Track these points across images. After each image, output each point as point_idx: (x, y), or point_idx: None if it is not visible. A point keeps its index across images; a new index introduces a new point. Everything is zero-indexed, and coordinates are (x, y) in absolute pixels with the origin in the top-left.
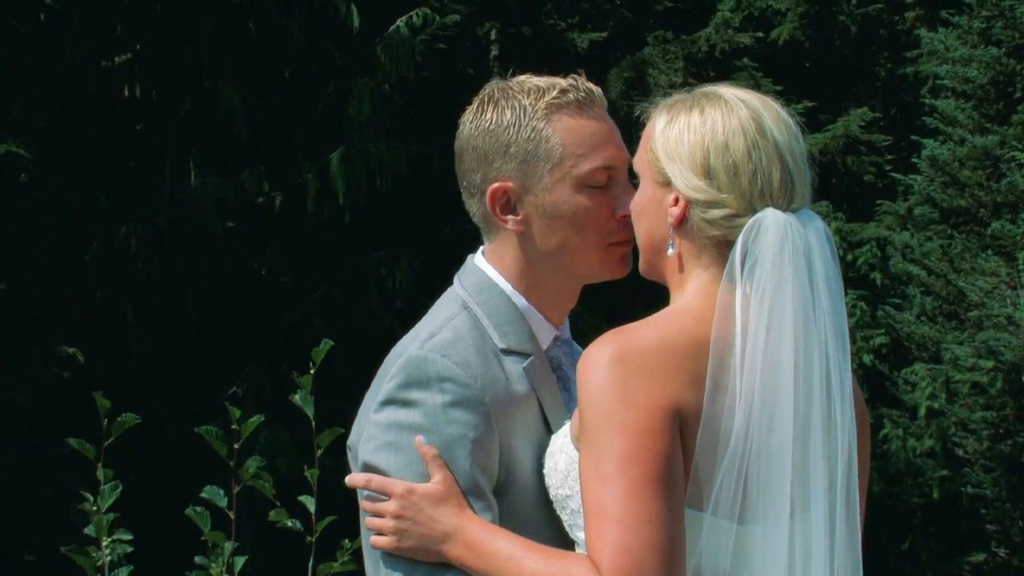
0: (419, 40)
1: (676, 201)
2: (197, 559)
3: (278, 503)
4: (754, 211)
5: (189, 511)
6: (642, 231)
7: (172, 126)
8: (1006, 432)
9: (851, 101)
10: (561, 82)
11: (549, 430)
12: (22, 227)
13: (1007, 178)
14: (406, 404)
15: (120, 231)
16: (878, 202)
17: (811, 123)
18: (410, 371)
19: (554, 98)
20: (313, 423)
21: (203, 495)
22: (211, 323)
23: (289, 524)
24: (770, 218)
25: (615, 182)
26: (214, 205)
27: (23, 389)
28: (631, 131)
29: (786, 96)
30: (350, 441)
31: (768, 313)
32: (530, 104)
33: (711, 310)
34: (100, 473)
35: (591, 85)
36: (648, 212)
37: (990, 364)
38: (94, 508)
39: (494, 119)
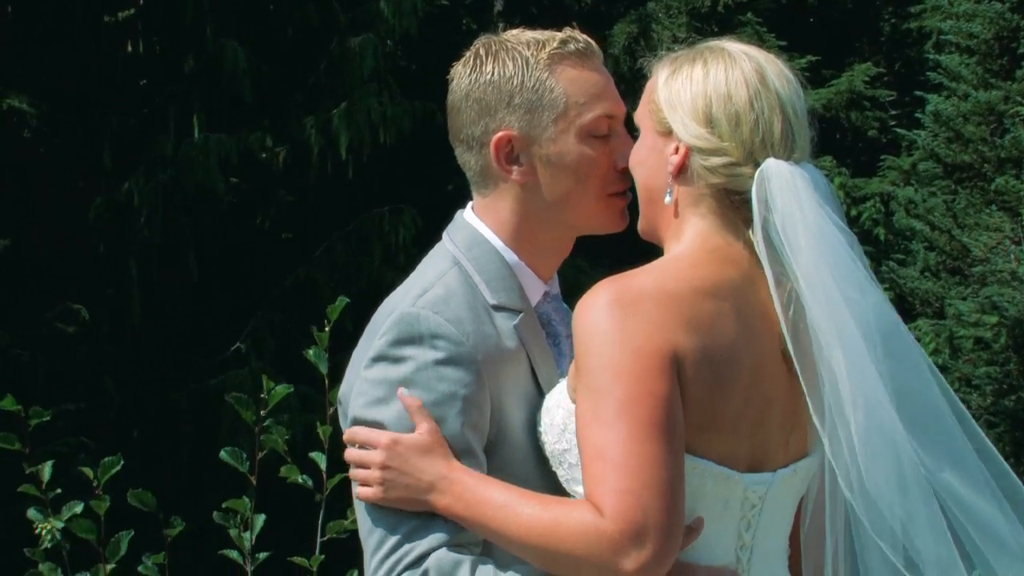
0: None
1: (677, 150)
2: (216, 515)
3: (289, 459)
4: (755, 162)
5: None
6: (641, 181)
7: (175, 82)
8: (1010, 387)
9: (855, 56)
10: (558, 34)
11: (539, 386)
12: (25, 183)
13: (1011, 133)
14: (397, 361)
15: (123, 187)
16: (882, 157)
17: (815, 78)
18: (402, 328)
19: (555, 49)
20: (327, 380)
21: (223, 457)
22: (214, 279)
23: (301, 481)
24: (773, 167)
25: (615, 133)
26: (217, 161)
27: (27, 345)
28: (636, 85)
29: (789, 51)
30: (340, 394)
31: (799, 259)
32: (532, 55)
33: (707, 256)
34: (33, 470)
35: (587, 37)
36: (647, 162)
37: (994, 319)
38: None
39: (495, 71)
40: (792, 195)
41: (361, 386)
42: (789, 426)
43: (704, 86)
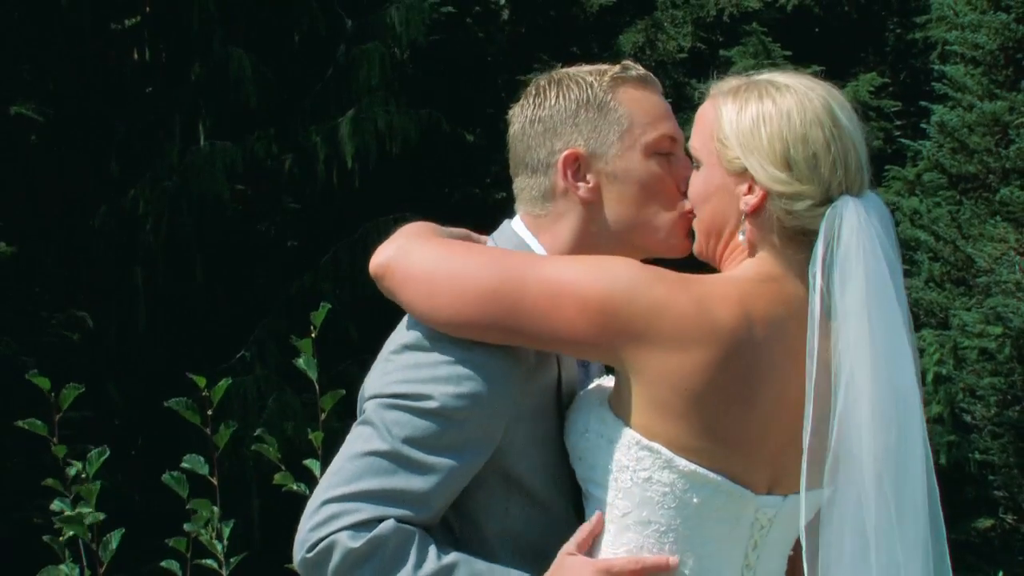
0: (429, 3)
1: (751, 189)
2: (186, 526)
3: (283, 467)
4: (831, 200)
5: (166, 477)
6: (707, 216)
7: (181, 90)
8: (1014, 398)
9: (860, 67)
10: (616, 65)
11: (560, 403)
12: (31, 189)
13: (1016, 144)
14: (429, 351)
15: (129, 195)
16: (887, 167)
17: None
18: None
19: (617, 73)
20: (317, 386)
21: (184, 465)
22: (219, 287)
23: (296, 488)
24: (850, 206)
25: (677, 156)
26: (223, 169)
27: (32, 352)
28: None
29: (794, 61)
30: (365, 390)
31: (852, 299)
32: (595, 80)
33: (761, 285)
34: (56, 450)
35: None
36: (715, 199)
37: (998, 330)
38: (72, 475)
39: (560, 94)
40: (860, 234)
41: (385, 367)
42: None
43: (779, 127)
